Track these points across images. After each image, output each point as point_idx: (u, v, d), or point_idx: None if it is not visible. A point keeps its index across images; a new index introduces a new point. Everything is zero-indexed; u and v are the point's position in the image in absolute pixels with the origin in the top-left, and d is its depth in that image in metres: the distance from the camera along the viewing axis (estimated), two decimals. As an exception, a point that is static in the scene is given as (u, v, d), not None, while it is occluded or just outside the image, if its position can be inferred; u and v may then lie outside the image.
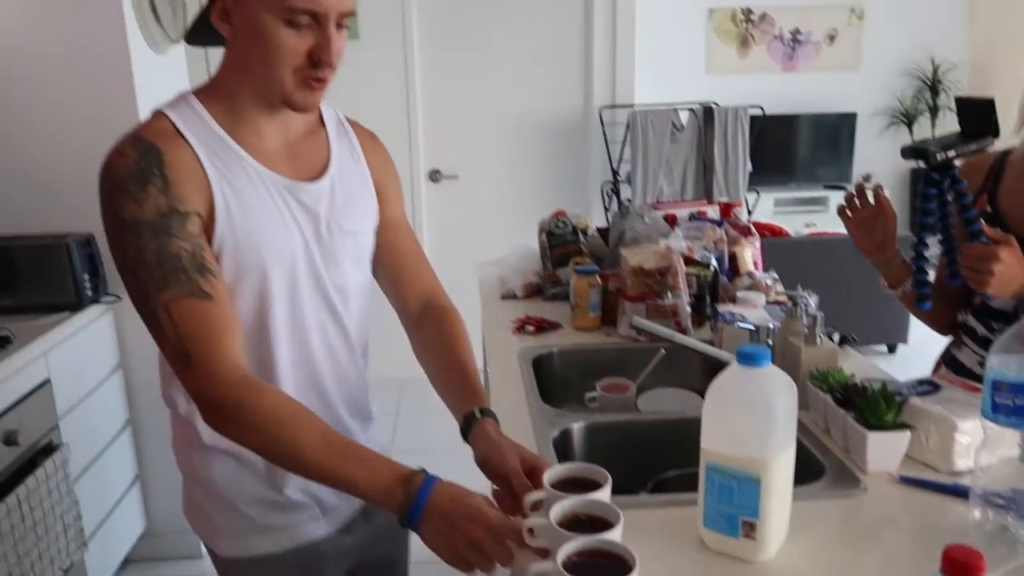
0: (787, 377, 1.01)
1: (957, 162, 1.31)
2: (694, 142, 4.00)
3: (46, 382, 1.99)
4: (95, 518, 2.22)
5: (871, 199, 1.47)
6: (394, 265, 1.28)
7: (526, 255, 2.35)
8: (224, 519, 1.16)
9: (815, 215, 5.00)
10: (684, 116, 4.02)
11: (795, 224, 4.76)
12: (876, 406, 1.22)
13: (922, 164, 1.34)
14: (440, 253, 4.03)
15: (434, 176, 4.12)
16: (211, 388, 0.97)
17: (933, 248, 1.38)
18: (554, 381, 1.78)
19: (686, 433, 1.29)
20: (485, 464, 1.07)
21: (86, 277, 2.24)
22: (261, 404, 0.97)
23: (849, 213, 1.50)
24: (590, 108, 4.11)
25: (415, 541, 1.47)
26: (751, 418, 0.98)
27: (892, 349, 4.25)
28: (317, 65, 1.01)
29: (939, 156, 1.31)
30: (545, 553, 0.90)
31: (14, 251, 2.20)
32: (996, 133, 1.31)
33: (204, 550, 1.24)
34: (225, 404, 0.97)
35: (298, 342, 1.14)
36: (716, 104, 4.10)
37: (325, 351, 1.17)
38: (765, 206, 4.87)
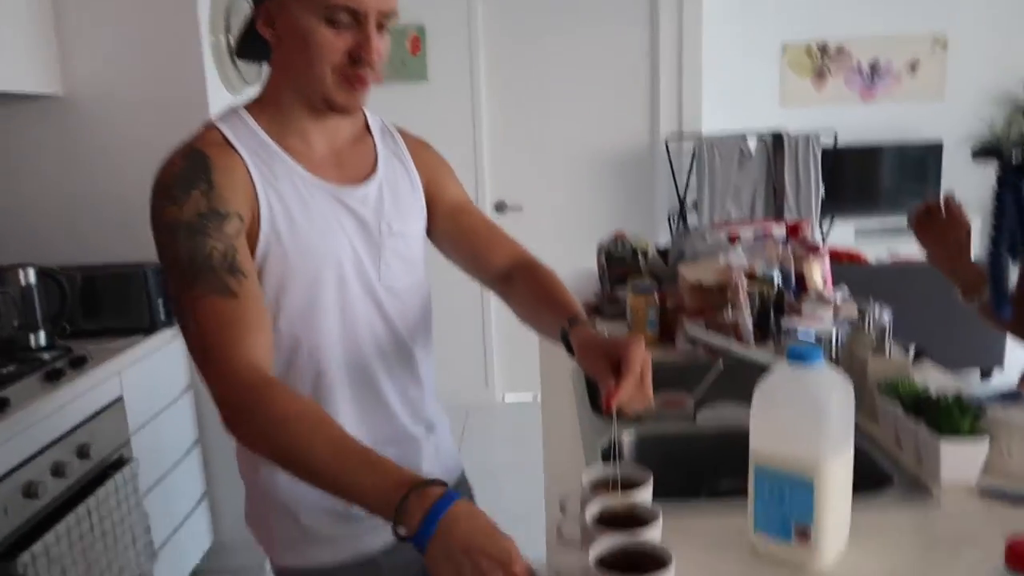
0: (841, 376, 0.95)
1: None
2: (763, 168, 3.91)
3: (119, 399, 2.07)
4: (164, 531, 2.27)
5: (943, 211, 1.40)
6: (471, 244, 1.27)
7: (584, 277, 2.32)
8: (284, 528, 1.14)
9: (900, 243, 4.78)
10: (753, 143, 3.94)
11: (877, 251, 4.57)
12: (950, 415, 1.14)
13: (997, 165, 1.27)
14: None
15: (500, 207, 4.16)
16: (226, 387, 0.94)
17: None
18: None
19: (741, 444, 1.22)
20: (582, 361, 1.06)
21: (160, 302, 2.34)
22: (273, 405, 0.92)
23: (920, 226, 1.43)
24: (656, 138, 4.09)
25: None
26: (802, 417, 0.92)
27: (986, 374, 3.99)
28: (357, 63, 1.03)
29: (1017, 154, 1.23)
30: None
31: (97, 279, 2.32)
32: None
33: (268, 564, 1.23)
34: (238, 404, 0.93)
35: (350, 347, 1.13)
36: (787, 132, 4.01)
37: (377, 354, 1.16)
38: (846, 235, 4.69)
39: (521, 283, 1.23)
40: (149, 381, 2.25)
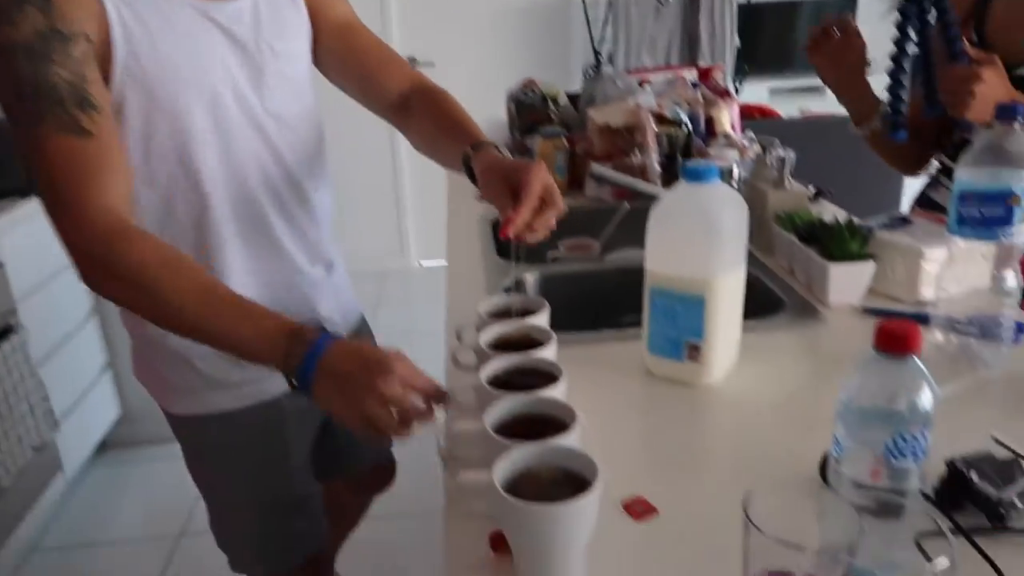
0: (735, 193, 0.95)
1: None
2: (678, 19, 3.81)
3: None
4: (66, 401, 2.20)
5: (838, 32, 1.37)
6: (361, 66, 1.16)
7: (494, 124, 2.24)
8: (178, 376, 1.09)
9: (812, 102, 4.82)
10: (669, -7, 3.82)
11: (789, 109, 4.60)
12: (840, 239, 1.16)
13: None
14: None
15: (410, 64, 3.96)
16: (79, 236, 0.86)
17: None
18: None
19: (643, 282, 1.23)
20: (483, 188, 0.99)
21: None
22: (131, 254, 0.85)
23: (816, 47, 1.39)
24: (571, -12, 3.92)
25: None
26: (695, 235, 0.91)
27: (883, 229, 4.17)
28: None
29: None
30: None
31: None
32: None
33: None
34: (94, 253, 0.86)
35: (235, 184, 1.03)
36: (704, -21, 3.89)
37: (267, 191, 1.07)
38: (760, 93, 4.69)
39: (419, 110, 1.14)
40: (33, 245, 2.10)
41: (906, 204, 3.62)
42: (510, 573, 0.66)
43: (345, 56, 1.15)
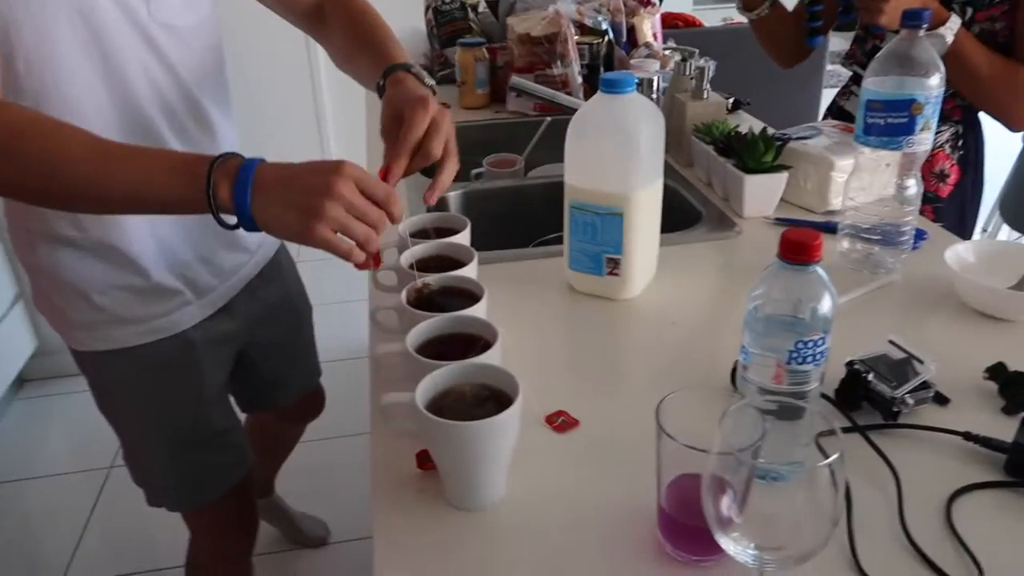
0: (652, 105, 0.94)
1: None
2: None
3: None
4: (-26, 336, 2.11)
5: None
6: None
7: (412, 36, 2.16)
8: (77, 311, 1.01)
9: (735, 11, 4.82)
10: None
11: (712, 20, 4.58)
12: (755, 149, 1.18)
13: None
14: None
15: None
16: None
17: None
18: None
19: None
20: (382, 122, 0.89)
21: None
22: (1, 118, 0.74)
23: None
24: None
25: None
26: (613, 149, 0.91)
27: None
28: None
29: None
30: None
31: None
32: None
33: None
34: None
35: (124, 103, 0.92)
36: None
37: (162, 111, 0.96)
38: (684, 4, 4.64)
39: (334, 22, 1.06)
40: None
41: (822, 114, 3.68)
42: (436, 488, 0.68)
43: None
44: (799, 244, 0.60)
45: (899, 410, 0.73)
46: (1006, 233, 2.55)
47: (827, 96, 3.34)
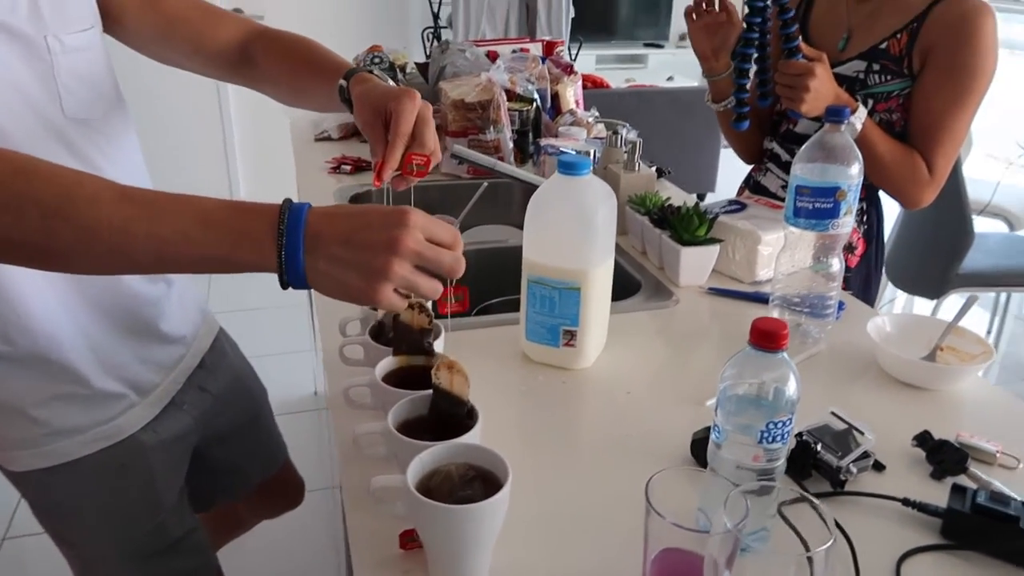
0: (607, 186, 1.00)
1: None
2: (517, -14, 3.86)
3: None
4: None
5: (718, 6, 1.44)
6: (183, 29, 1.01)
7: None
8: (13, 429, 0.93)
9: (635, 72, 5.07)
10: (506, -42, 3.84)
11: (616, 80, 4.82)
12: (690, 223, 1.26)
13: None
14: (248, 99, 3.72)
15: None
16: None
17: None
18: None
19: (508, 262, 1.27)
20: (359, 122, 0.87)
21: None
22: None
23: (695, 16, 1.47)
24: (408, -54, 3.83)
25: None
26: (571, 228, 0.96)
27: (701, 198, 4.51)
28: None
29: None
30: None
31: None
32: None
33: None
34: None
35: None
36: (538, -53, 3.95)
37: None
38: (588, 63, 4.86)
39: (266, 58, 1.01)
40: None
41: (721, 179, 3.93)
42: (421, 570, 0.68)
43: (163, 27, 1.01)
44: (769, 333, 0.65)
45: (845, 478, 0.79)
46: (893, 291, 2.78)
47: (724, 157, 3.57)
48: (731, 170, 2.48)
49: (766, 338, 0.66)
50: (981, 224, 2.90)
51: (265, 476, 1.35)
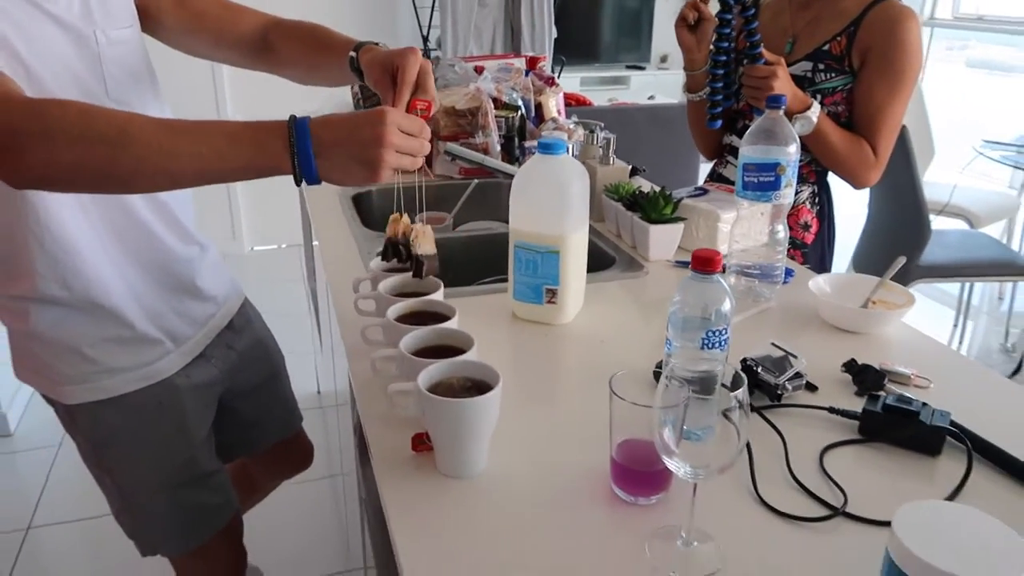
0: (580, 165, 1.16)
1: None
2: (502, 9, 4.06)
3: None
4: None
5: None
6: (211, 24, 1.17)
7: (339, 107, 2.35)
8: (69, 365, 1.09)
9: (618, 92, 5.28)
10: (490, -18, 4.05)
11: (599, 99, 5.02)
12: (657, 204, 1.42)
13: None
14: (244, 94, 3.89)
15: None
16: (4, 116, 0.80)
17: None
18: (374, 219, 1.85)
19: (496, 248, 1.43)
20: (370, 82, 1.03)
21: None
22: (68, 111, 0.81)
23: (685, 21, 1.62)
24: (397, -27, 4.03)
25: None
26: (551, 199, 1.12)
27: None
28: None
29: None
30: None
31: None
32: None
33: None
34: (18, 126, 0.80)
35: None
36: (521, -27, 4.16)
37: None
38: (572, 84, 5.07)
39: (283, 42, 1.16)
40: None
41: (701, 180, 4.08)
42: (430, 466, 0.83)
43: (190, 22, 1.17)
44: (706, 259, 0.81)
45: (781, 393, 0.95)
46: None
47: (703, 171, 3.77)
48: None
49: (703, 263, 0.82)
50: (944, 223, 3.09)
51: (282, 436, 1.50)
